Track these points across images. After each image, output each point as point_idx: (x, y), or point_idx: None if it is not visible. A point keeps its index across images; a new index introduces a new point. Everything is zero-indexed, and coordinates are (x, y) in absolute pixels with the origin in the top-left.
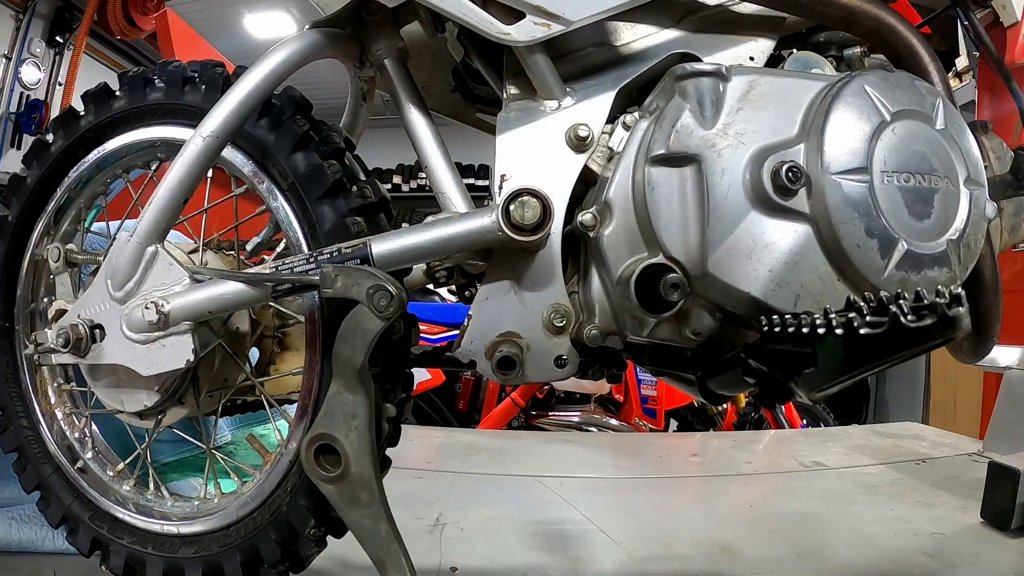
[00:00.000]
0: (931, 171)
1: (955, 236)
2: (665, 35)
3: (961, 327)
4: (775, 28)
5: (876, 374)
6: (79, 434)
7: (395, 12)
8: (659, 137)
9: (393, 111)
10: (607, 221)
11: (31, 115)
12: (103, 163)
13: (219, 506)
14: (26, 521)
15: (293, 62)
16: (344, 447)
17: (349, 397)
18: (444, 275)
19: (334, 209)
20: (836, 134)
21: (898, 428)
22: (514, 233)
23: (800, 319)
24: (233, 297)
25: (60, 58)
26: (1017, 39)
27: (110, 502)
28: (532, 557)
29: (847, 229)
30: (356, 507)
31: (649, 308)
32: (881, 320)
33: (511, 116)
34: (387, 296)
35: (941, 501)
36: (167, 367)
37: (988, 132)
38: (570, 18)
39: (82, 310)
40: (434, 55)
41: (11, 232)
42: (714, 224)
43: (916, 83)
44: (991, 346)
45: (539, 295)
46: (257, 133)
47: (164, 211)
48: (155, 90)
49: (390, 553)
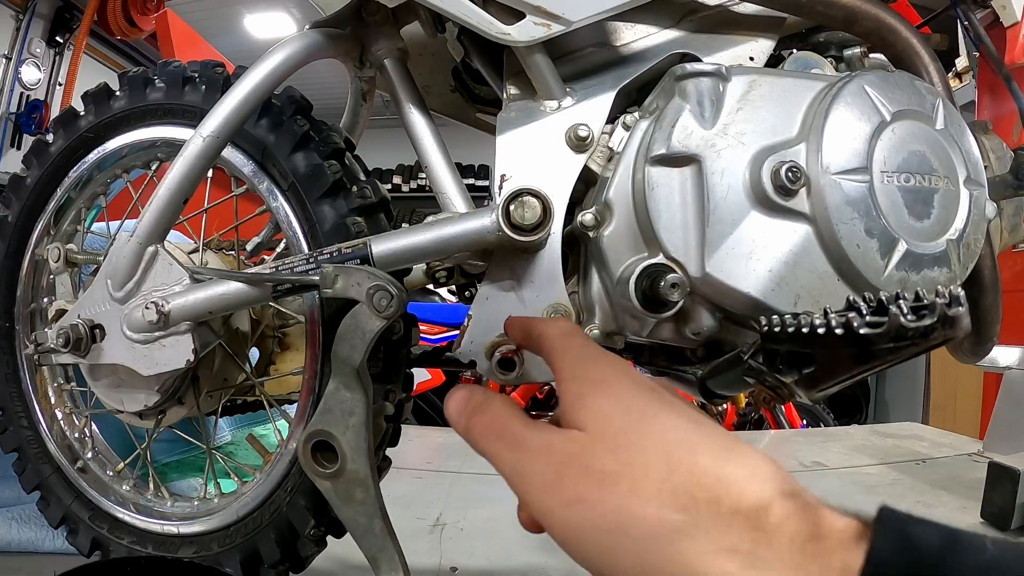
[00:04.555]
0: (931, 171)
1: (955, 236)
2: (665, 35)
3: (961, 327)
4: (775, 28)
5: (876, 374)
6: (79, 434)
7: (395, 12)
8: (659, 137)
9: (393, 111)
10: (607, 221)
11: (31, 115)
12: (103, 163)
13: (219, 506)
14: (26, 521)
15: (293, 62)
16: (341, 444)
17: (347, 395)
18: (444, 275)
19: (334, 209)
20: (836, 134)
21: (898, 428)
22: (514, 233)
23: (800, 319)
24: (233, 297)
25: (60, 58)
26: (1017, 39)
27: (110, 502)
28: (532, 557)
29: (847, 229)
30: (351, 504)
31: (649, 308)
32: (881, 320)
33: (511, 116)
34: (387, 296)
35: (941, 501)
36: (167, 367)
37: (988, 132)
38: (570, 18)
39: (82, 310)
40: (434, 55)
41: (11, 232)
42: (714, 224)
43: (916, 83)
44: (991, 346)
45: (539, 295)
46: (257, 133)
47: (164, 211)
48: (155, 90)
49: (384, 551)
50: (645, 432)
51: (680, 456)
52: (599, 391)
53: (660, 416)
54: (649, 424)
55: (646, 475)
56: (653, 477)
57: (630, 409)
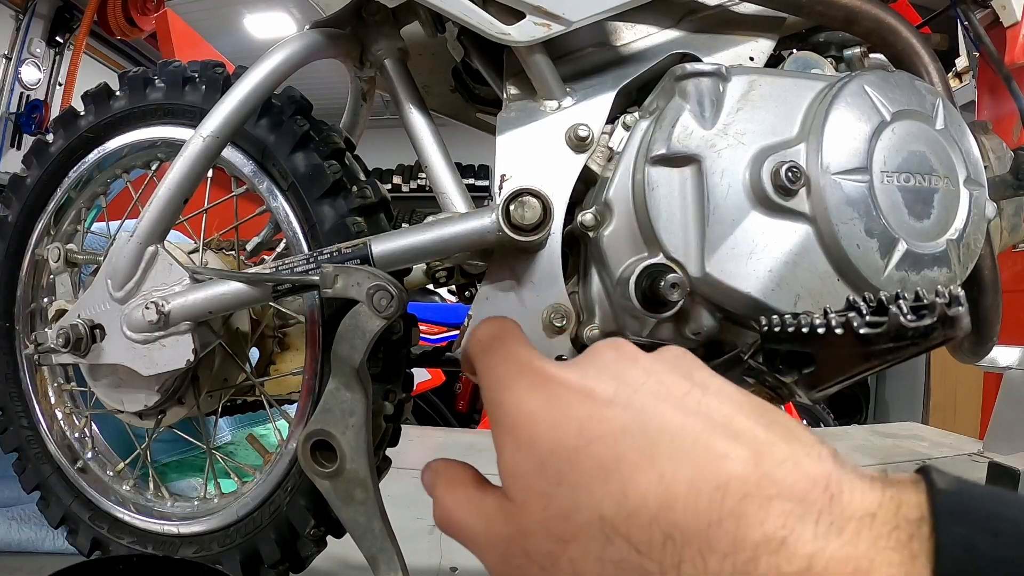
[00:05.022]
0: (931, 171)
1: (955, 236)
2: (665, 35)
3: (961, 327)
4: (775, 28)
5: (876, 374)
6: (79, 434)
7: (395, 12)
8: (659, 137)
9: (393, 111)
10: (607, 221)
11: (31, 115)
12: (103, 163)
13: (219, 506)
14: (26, 521)
15: (293, 62)
16: (340, 444)
17: (347, 395)
18: (444, 275)
19: (334, 209)
20: (836, 134)
21: (898, 428)
22: (514, 233)
23: (800, 319)
24: (233, 297)
25: (60, 58)
26: (1017, 39)
27: (110, 502)
28: None
29: (847, 229)
30: (351, 504)
31: (649, 308)
32: (880, 320)
33: (511, 116)
34: (387, 296)
35: None
36: (167, 367)
37: (988, 132)
38: (570, 18)
39: (82, 310)
40: (434, 55)
41: (11, 232)
42: (714, 224)
43: (916, 83)
44: (991, 346)
45: (539, 295)
46: (257, 133)
47: (164, 211)
48: (155, 90)
49: (383, 551)
50: (569, 488)
51: (611, 513)
52: (511, 441)
53: (581, 457)
54: (570, 475)
55: (584, 553)
56: (592, 553)
57: (544, 462)
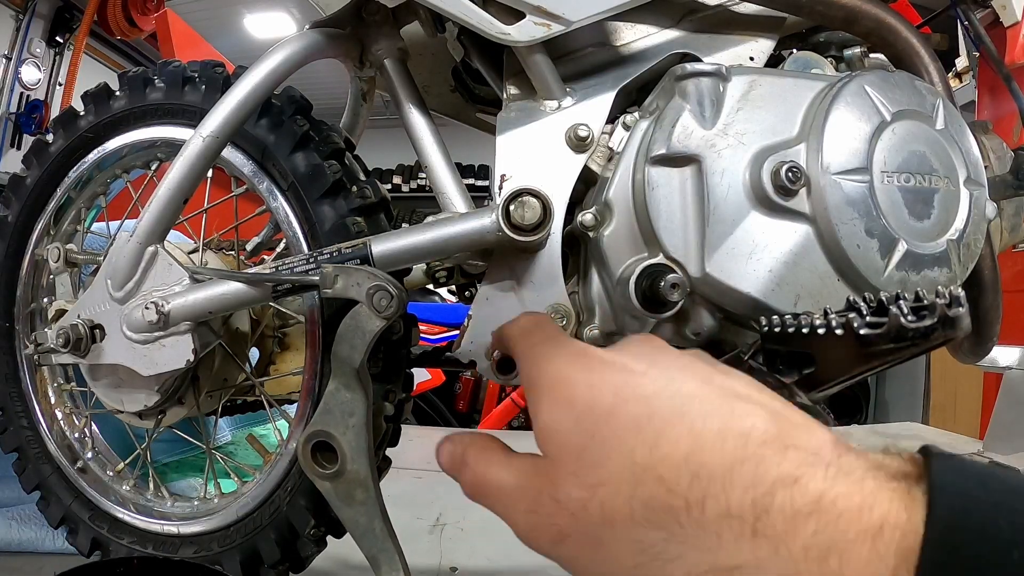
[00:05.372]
0: (931, 171)
1: (955, 236)
2: (665, 35)
3: (961, 327)
4: (775, 28)
5: (876, 374)
6: (79, 434)
7: (395, 12)
8: (659, 137)
9: (393, 111)
10: (607, 221)
11: (31, 115)
12: (103, 163)
13: (219, 506)
14: (26, 521)
15: (293, 62)
16: (341, 444)
17: (347, 395)
18: (444, 275)
19: (334, 209)
20: (836, 134)
21: (898, 428)
22: (514, 233)
23: (800, 319)
24: (233, 297)
25: (60, 58)
26: (1017, 39)
27: (110, 502)
28: (532, 557)
29: (847, 229)
30: (351, 504)
31: (649, 308)
32: (881, 320)
33: (511, 116)
34: (387, 296)
35: None
36: (167, 367)
37: (988, 132)
38: (570, 18)
39: (82, 310)
40: (434, 55)
41: (11, 232)
42: (714, 224)
43: (916, 83)
44: (991, 346)
45: (539, 295)
46: (257, 133)
47: (164, 211)
48: (155, 90)
49: (384, 551)
50: (602, 441)
51: (643, 457)
52: (548, 401)
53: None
54: (604, 428)
55: (615, 494)
56: (622, 494)
57: (580, 418)
